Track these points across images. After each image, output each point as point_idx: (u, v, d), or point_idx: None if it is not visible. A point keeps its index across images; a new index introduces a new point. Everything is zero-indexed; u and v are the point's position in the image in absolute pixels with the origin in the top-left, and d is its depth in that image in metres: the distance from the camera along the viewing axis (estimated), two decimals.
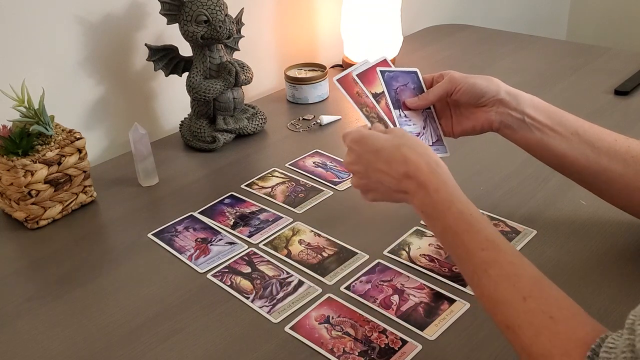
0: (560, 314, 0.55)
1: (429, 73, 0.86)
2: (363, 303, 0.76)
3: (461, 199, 0.66)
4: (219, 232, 0.91)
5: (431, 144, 0.83)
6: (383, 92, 0.82)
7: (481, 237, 0.62)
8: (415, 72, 0.86)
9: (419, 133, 0.82)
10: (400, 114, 0.82)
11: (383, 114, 0.80)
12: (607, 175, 0.76)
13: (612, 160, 0.75)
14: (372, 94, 0.81)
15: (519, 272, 0.59)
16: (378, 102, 0.81)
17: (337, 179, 1.03)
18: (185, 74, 1.14)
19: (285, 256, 0.85)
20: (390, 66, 0.84)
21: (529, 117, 0.79)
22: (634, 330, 0.48)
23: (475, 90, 0.79)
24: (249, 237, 0.90)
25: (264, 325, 0.74)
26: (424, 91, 0.85)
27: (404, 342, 0.70)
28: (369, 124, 0.79)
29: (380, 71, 0.83)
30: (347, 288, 0.79)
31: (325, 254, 0.85)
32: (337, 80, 0.82)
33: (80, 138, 0.96)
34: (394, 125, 0.80)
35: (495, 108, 0.80)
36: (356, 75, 0.81)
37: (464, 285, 0.77)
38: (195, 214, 0.96)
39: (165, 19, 1.08)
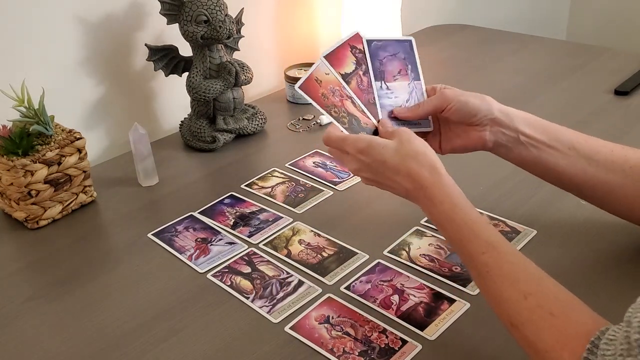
0: (560, 310, 0.57)
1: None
2: (363, 303, 0.76)
3: (463, 206, 0.67)
4: (219, 232, 0.91)
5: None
6: (355, 70, 0.78)
7: (481, 241, 0.64)
8: (410, 41, 0.82)
9: (401, 106, 0.80)
10: (381, 86, 0.79)
11: (353, 108, 0.76)
12: (607, 187, 0.75)
13: (610, 171, 0.75)
14: (341, 74, 0.77)
15: (519, 272, 0.62)
16: (348, 82, 0.77)
17: (337, 179, 1.03)
18: (185, 74, 1.14)
19: (285, 256, 0.85)
20: (362, 41, 0.80)
21: (524, 135, 0.77)
22: (630, 322, 0.49)
23: (468, 109, 0.77)
24: (249, 237, 0.90)
25: (264, 325, 0.74)
26: (415, 61, 0.82)
27: (404, 342, 0.70)
28: (340, 127, 0.75)
29: (367, 40, 0.79)
30: (347, 288, 0.79)
31: (325, 254, 0.85)
32: (299, 87, 0.76)
33: (80, 138, 0.96)
34: (362, 115, 0.77)
35: (489, 127, 0.78)
36: (324, 57, 0.76)
37: (464, 285, 0.77)
38: (195, 214, 0.96)
39: (165, 19, 1.08)
